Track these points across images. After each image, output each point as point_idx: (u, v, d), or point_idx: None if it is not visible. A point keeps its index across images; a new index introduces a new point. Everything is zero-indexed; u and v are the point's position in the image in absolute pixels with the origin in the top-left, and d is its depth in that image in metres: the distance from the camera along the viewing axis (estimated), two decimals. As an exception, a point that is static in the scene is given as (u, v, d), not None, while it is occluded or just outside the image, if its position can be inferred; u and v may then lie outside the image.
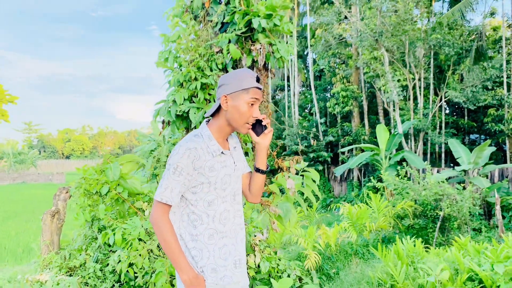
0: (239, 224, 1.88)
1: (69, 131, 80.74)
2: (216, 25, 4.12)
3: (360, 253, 6.93)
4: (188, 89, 3.92)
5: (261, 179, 1.93)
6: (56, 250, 4.16)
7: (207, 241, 1.74)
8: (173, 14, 4.36)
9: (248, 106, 1.73)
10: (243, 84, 1.73)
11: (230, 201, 1.81)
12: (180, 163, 1.64)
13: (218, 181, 1.73)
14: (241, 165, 1.93)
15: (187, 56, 4.09)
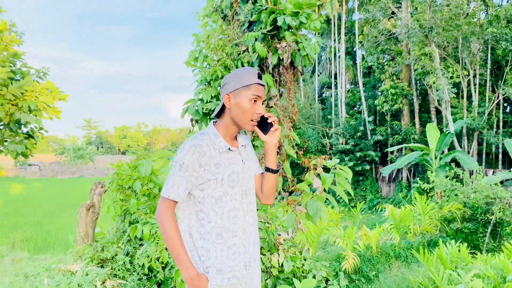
0: (252, 224, 1.84)
1: (125, 128, 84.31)
2: (244, 24, 4.14)
3: (403, 256, 6.71)
4: (215, 88, 3.97)
5: (272, 179, 1.90)
6: (90, 242, 4.36)
7: (215, 240, 1.72)
8: (204, 14, 4.43)
9: (250, 102, 1.72)
10: (243, 81, 1.74)
11: (240, 200, 1.78)
12: (185, 160, 1.65)
13: (225, 177, 1.72)
14: (252, 164, 1.91)
15: (215, 55, 4.14)
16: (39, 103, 7.41)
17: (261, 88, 1.76)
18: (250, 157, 1.93)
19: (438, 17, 13.70)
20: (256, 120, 1.76)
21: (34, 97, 7.46)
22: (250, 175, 1.88)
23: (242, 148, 1.87)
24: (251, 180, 1.88)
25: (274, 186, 1.92)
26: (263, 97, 1.76)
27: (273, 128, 1.81)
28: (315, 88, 27.96)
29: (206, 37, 4.24)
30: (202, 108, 3.96)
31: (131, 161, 4.58)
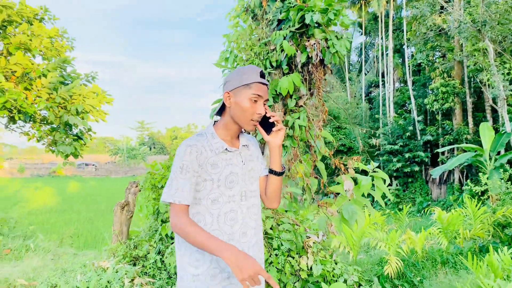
0: (254, 228, 1.77)
1: (176, 129, 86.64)
2: (272, 22, 4.09)
3: (451, 262, 6.38)
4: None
5: (275, 182, 1.83)
6: (125, 239, 4.49)
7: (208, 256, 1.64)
8: (235, 15, 4.43)
9: (250, 102, 1.66)
10: (244, 80, 1.68)
11: (238, 202, 1.71)
12: (184, 161, 1.61)
13: (222, 178, 1.67)
14: (255, 165, 1.84)
15: (244, 55, 4.12)
16: (86, 106, 7.75)
17: (262, 87, 1.70)
18: (254, 157, 1.86)
19: (493, 11, 12.92)
20: (257, 120, 1.70)
21: (81, 100, 7.81)
22: (253, 176, 1.82)
23: (244, 148, 1.80)
24: (254, 182, 1.82)
25: (278, 188, 1.84)
26: (264, 97, 1.70)
27: (275, 128, 1.75)
28: (362, 87, 27.32)
29: (236, 37, 4.24)
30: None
31: (164, 161, 4.68)
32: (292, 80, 3.80)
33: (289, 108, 4.10)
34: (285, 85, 3.76)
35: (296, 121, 4.00)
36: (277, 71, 4.12)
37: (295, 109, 4.13)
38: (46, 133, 8.72)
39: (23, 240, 6.58)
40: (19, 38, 8.12)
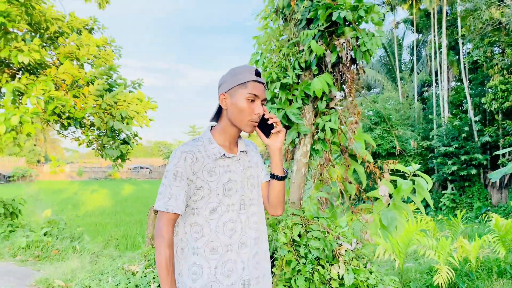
0: (255, 238, 1.67)
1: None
2: (301, 22, 3.98)
3: (509, 273, 5.94)
4: (271, 91, 3.87)
5: (277, 187, 1.72)
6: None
7: (209, 255, 1.56)
8: (264, 16, 4.36)
9: (247, 102, 1.56)
10: (239, 79, 1.59)
11: (238, 211, 1.62)
12: (178, 168, 1.53)
13: (220, 186, 1.58)
14: (254, 172, 1.73)
15: (273, 56, 4.04)
16: (130, 112, 7.98)
17: (259, 86, 1.59)
18: (253, 163, 1.75)
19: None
20: (255, 121, 1.60)
21: (126, 107, 8.06)
22: (253, 183, 1.71)
23: (243, 154, 1.70)
24: (254, 189, 1.71)
25: (280, 194, 1.73)
26: (261, 96, 1.59)
27: (274, 130, 1.65)
28: (415, 86, 26.25)
29: (265, 39, 4.16)
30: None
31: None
32: (325, 80, 3.66)
33: (319, 110, 3.96)
34: (318, 86, 3.63)
35: (327, 124, 3.85)
36: (307, 73, 4.00)
37: (326, 112, 3.98)
38: (95, 138, 9.10)
39: (70, 241, 6.85)
40: (68, 48, 8.53)
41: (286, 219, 3.55)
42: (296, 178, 4.08)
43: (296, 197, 4.06)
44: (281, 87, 3.86)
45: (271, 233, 3.58)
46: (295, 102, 3.88)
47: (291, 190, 4.12)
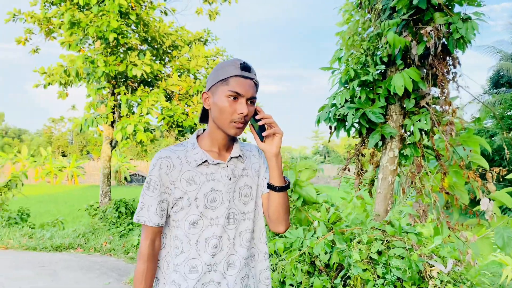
0: (246, 258, 1.45)
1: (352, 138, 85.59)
2: (384, 12, 3.54)
3: None
4: (351, 90, 3.52)
5: (276, 199, 1.45)
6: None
7: (188, 273, 1.38)
8: (348, 9, 4.02)
9: (228, 100, 1.34)
10: (220, 74, 1.37)
11: (224, 225, 1.41)
12: (152, 176, 1.38)
13: (200, 197, 1.38)
14: (250, 181, 1.50)
15: (352, 52, 3.69)
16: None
17: (243, 82, 1.36)
18: (252, 172, 1.51)
19: None
20: (240, 122, 1.36)
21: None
22: (248, 194, 1.48)
23: (235, 161, 1.47)
24: (250, 202, 1.48)
25: (281, 207, 1.45)
26: (245, 94, 1.35)
27: (265, 132, 1.39)
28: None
29: (347, 33, 3.82)
30: (334, 114, 3.56)
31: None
32: (408, 76, 3.20)
33: (408, 109, 3.47)
34: (399, 82, 3.19)
35: (416, 125, 3.35)
36: (393, 68, 3.54)
37: (416, 111, 3.47)
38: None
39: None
40: (181, 60, 9.11)
41: (361, 234, 3.17)
42: (381, 187, 3.64)
43: (382, 208, 3.61)
44: (361, 85, 3.48)
45: (345, 248, 3.22)
46: (378, 101, 3.47)
47: (376, 201, 3.69)
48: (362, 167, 4.03)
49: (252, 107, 1.38)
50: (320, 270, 3.61)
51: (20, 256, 5.81)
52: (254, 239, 1.51)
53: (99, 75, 6.83)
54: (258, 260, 1.52)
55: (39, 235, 6.90)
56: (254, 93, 1.38)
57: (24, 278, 4.73)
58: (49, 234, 6.87)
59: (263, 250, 1.53)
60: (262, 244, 1.53)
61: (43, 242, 6.45)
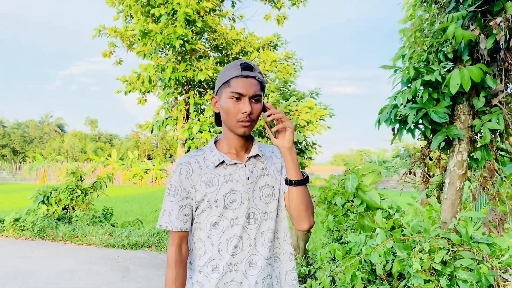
0: (268, 258, 1.45)
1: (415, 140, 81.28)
2: (449, 4, 3.30)
3: None
4: (414, 89, 3.33)
5: (296, 195, 1.42)
6: (301, 254, 4.41)
7: (211, 273, 1.41)
8: (411, 4, 3.82)
9: (232, 101, 1.37)
10: (223, 78, 1.42)
11: (244, 225, 1.42)
12: (173, 182, 1.43)
13: (220, 198, 1.40)
14: (272, 180, 1.49)
15: (417, 49, 3.49)
16: (299, 121, 8.13)
17: (244, 81, 1.37)
18: (272, 171, 1.50)
19: None
20: (246, 120, 1.37)
21: (296, 116, 8.25)
22: (270, 194, 1.47)
23: (254, 161, 1.47)
24: (272, 201, 1.47)
25: (301, 203, 1.42)
26: (247, 93, 1.36)
27: (275, 128, 1.38)
28: None
29: (409, 31, 3.63)
30: (395, 115, 3.39)
31: (341, 174, 4.40)
32: (469, 73, 2.95)
33: (477, 109, 3.19)
34: (456, 80, 2.96)
35: (486, 125, 3.07)
36: (461, 65, 3.29)
37: (487, 110, 3.18)
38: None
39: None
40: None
41: (422, 242, 2.97)
42: (449, 193, 3.38)
43: (449, 216, 3.36)
44: (425, 84, 3.28)
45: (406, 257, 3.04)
46: (443, 101, 3.24)
47: (443, 208, 3.44)
48: (429, 171, 3.79)
49: (257, 105, 1.40)
50: (382, 279, 3.45)
51: (100, 252, 6.28)
52: (279, 239, 1.52)
53: (166, 81, 7.22)
54: (283, 260, 1.51)
55: (118, 233, 7.40)
56: (258, 90, 1.39)
57: (100, 273, 5.10)
58: (127, 233, 7.34)
59: (288, 251, 1.52)
60: (287, 245, 1.52)
61: (121, 240, 6.92)
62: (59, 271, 5.16)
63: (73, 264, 5.48)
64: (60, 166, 35.49)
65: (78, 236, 7.32)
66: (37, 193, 8.63)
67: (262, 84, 1.42)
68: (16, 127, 71.35)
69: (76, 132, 74.97)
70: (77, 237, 7.29)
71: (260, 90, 1.40)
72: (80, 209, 8.79)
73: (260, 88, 1.40)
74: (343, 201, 4.09)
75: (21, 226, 7.69)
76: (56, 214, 8.46)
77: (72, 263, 5.54)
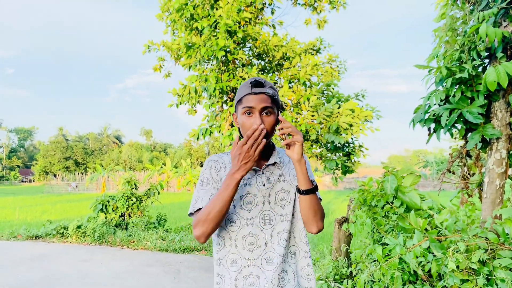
0: (283, 255, 1.58)
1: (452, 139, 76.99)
2: (480, 3, 3.26)
3: None
4: (447, 89, 3.33)
5: (305, 202, 1.57)
6: (343, 256, 4.46)
7: (230, 266, 1.57)
8: (443, 4, 3.81)
9: (245, 116, 1.54)
10: (237, 97, 1.60)
11: (260, 225, 1.57)
12: (204, 175, 1.62)
13: (237, 198, 1.57)
14: (288, 186, 1.63)
15: (449, 48, 3.48)
16: (341, 124, 8.13)
17: (254, 97, 1.52)
18: (289, 177, 1.65)
19: None
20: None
21: (338, 119, 8.25)
22: (285, 198, 1.62)
23: (272, 168, 1.62)
24: (288, 205, 1.62)
25: (309, 210, 1.57)
26: (257, 106, 1.51)
27: (283, 142, 1.51)
28: None
29: (442, 30, 3.62)
30: (427, 114, 3.39)
31: (380, 177, 4.42)
32: (504, 69, 2.92)
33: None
34: (492, 77, 2.93)
35: (524, 124, 3.02)
36: (496, 62, 3.24)
37: (525, 108, 3.12)
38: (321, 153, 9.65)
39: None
40: (292, 71, 9.40)
41: (457, 241, 2.96)
42: (488, 192, 3.34)
43: (489, 215, 3.30)
44: (458, 82, 3.27)
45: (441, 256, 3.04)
46: (477, 99, 3.21)
47: (483, 207, 3.39)
48: (469, 170, 3.74)
49: (269, 117, 1.54)
50: (423, 279, 3.45)
51: (154, 256, 6.65)
52: (295, 238, 1.65)
53: (211, 91, 7.52)
54: (299, 257, 1.64)
55: (171, 238, 7.77)
56: (268, 103, 1.53)
57: (153, 275, 5.43)
58: (179, 237, 7.69)
59: (303, 249, 1.65)
60: (303, 243, 1.65)
61: (173, 244, 7.27)
62: (117, 273, 5.55)
63: (129, 267, 5.86)
64: (118, 176, 37.26)
65: (134, 241, 7.76)
66: (96, 202, 9.24)
67: (273, 97, 1.56)
68: (77, 140, 75.85)
69: (133, 142, 78.38)
70: (133, 242, 7.73)
71: (272, 103, 1.55)
72: (135, 216, 9.30)
73: (271, 101, 1.54)
74: (382, 203, 4.12)
75: (83, 233, 8.27)
76: (114, 221, 9.01)
77: (128, 266, 5.92)
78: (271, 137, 1.59)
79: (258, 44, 8.80)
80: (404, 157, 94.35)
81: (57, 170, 65.22)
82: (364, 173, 57.37)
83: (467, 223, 3.42)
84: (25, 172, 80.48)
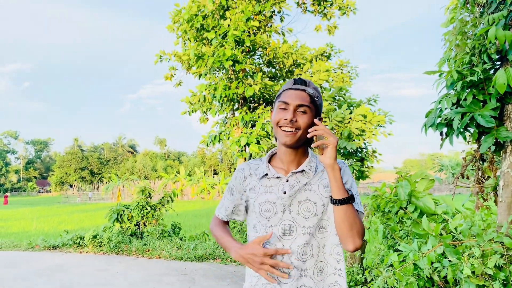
0: (302, 270, 1.48)
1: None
2: (490, 6, 3.25)
3: None
4: (460, 92, 3.32)
5: (339, 214, 1.40)
6: (358, 263, 4.43)
7: (253, 272, 1.55)
8: (453, 8, 3.80)
9: (279, 110, 1.49)
10: (278, 93, 1.57)
11: (280, 236, 1.48)
12: (231, 184, 1.66)
13: (257, 205, 1.53)
14: (315, 196, 1.50)
15: (459, 52, 3.46)
16: (353, 129, 8.10)
17: (292, 92, 1.47)
18: (317, 187, 1.53)
19: None
20: (288, 127, 1.45)
21: (349, 124, 8.23)
22: (309, 209, 1.50)
23: (299, 176, 1.53)
24: (312, 217, 1.49)
25: (342, 223, 1.40)
26: (293, 102, 1.45)
27: (314, 144, 1.42)
28: None
29: (451, 34, 3.61)
30: (439, 118, 3.38)
31: (393, 182, 4.39)
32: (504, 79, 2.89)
33: (528, 109, 3.10)
34: (502, 80, 2.91)
35: (538, 125, 2.98)
36: (507, 64, 3.22)
37: None
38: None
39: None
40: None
41: (472, 246, 2.92)
42: (504, 196, 3.29)
43: (505, 219, 3.26)
44: (470, 86, 3.25)
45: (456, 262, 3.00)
46: (489, 102, 3.18)
47: (499, 211, 3.35)
48: (483, 174, 3.70)
49: (303, 116, 1.47)
50: (440, 285, 3.41)
51: (169, 264, 6.68)
52: (325, 253, 1.52)
53: (218, 99, 7.67)
54: (327, 274, 1.52)
55: (185, 246, 7.80)
56: (305, 102, 1.47)
57: (168, 284, 5.46)
58: (193, 246, 7.72)
59: (333, 265, 1.52)
60: (333, 260, 1.52)
61: (188, 253, 7.30)
62: (132, 282, 5.59)
63: (145, 276, 5.91)
64: (133, 185, 37.62)
65: (149, 250, 7.82)
66: (111, 212, 9.34)
67: (312, 97, 1.49)
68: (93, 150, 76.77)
69: (147, 151, 79.11)
70: (148, 251, 7.79)
71: (310, 103, 1.48)
72: (150, 225, 9.37)
73: (309, 100, 1.48)
74: (396, 209, 4.09)
75: (98, 242, 8.36)
76: (129, 230, 9.09)
77: (144, 275, 5.96)
78: (302, 139, 1.50)
79: (268, 52, 8.86)
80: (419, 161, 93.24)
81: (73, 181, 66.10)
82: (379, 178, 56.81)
83: (482, 228, 3.38)
84: (42, 183, 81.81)
